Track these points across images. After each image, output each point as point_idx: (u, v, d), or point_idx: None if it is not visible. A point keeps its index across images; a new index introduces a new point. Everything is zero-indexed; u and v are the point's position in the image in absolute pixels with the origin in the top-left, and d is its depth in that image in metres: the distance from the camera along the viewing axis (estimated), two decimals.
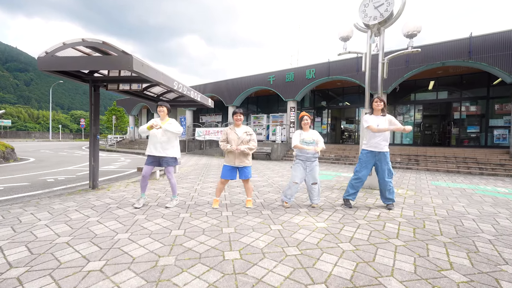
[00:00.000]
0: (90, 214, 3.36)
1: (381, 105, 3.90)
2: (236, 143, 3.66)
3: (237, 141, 3.68)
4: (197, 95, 7.28)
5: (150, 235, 2.65)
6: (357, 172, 3.94)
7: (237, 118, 3.75)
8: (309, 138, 3.86)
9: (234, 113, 3.76)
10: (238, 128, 3.80)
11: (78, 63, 4.27)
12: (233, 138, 3.69)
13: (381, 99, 3.92)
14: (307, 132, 3.95)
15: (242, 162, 3.70)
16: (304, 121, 3.92)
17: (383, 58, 5.32)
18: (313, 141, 3.86)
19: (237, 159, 3.67)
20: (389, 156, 3.91)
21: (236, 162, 3.68)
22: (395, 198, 3.94)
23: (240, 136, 3.71)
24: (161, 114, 3.87)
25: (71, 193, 4.85)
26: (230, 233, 2.73)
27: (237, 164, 3.68)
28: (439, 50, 10.07)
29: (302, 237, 2.66)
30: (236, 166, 3.71)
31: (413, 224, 3.12)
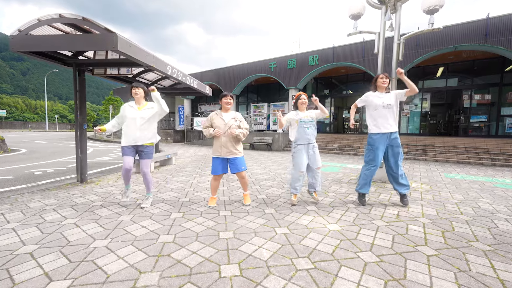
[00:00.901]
0: (69, 214, 2.94)
1: (386, 82, 3.42)
2: (223, 131, 3.20)
3: (224, 128, 3.21)
4: (194, 81, 6.76)
5: (133, 242, 2.24)
6: (371, 161, 3.45)
7: (226, 102, 3.26)
8: (307, 116, 3.44)
9: (222, 96, 3.27)
10: (226, 114, 3.32)
11: (54, 43, 3.74)
12: (219, 124, 3.22)
13: (387, 76, 3.43)
14: (303, 112, 3.51)
15: (230, 153, 3.22)
16: (302, 100, 3.49)
17: (399, 38, 4.76)
18: (312, 120, 3.45)
19: (223, 148, 3.20)
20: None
21: (222, 152, 3.21)
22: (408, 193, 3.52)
23: (227, 122, 3.23)
24: (136, 98, 3.27)
25: (57, 187, 4.44)
26: (228, 239, 2.32)
27: (224, 154, 3.21)
28: (452, 33, 9.41)
29: (313, 243, 2.24)
30: (225, 157, 3.25)
31: (440, 226, 2.70)
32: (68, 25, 4.12)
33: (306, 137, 3.40)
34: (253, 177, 5.33)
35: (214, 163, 3.28)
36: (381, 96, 3.44)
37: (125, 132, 3.23)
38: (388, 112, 3.37)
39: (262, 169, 6.44)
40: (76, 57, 4.97)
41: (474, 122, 11.70)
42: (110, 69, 5.30)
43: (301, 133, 3.42)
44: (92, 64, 5.12)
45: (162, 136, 19.53)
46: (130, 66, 5.10)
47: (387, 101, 3.38)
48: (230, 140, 3.22)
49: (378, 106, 3.40)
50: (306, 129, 3.40)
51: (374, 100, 3.45)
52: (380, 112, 3.39)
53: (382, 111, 3.38)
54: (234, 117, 3.30)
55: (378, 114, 3.41)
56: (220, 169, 3.26)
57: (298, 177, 3.40)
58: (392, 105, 3.37)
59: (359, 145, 11.28)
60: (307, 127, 3.40)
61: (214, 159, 3.28)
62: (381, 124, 3.40)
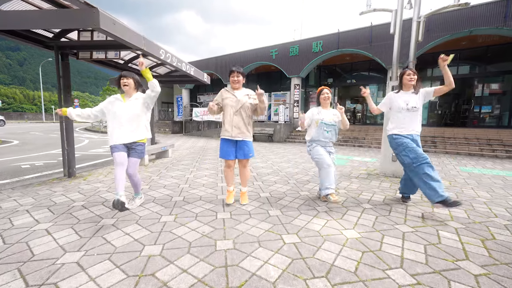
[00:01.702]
0: (43, 217, 2.54)
1: (414, 80, 2.91)
2: (235, 109, 2.78)
3: (236, 106, 2.79)
4: (190, 68, 6.25)
5: (111, 255, 1.84)
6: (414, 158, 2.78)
7: (234, 80, 2.83)
8: (330, 119, 2.99)
9: (230, 72, 2.83)
10: (238, 91, 2.89)
11: (24, 20, 3.23)
12: (231, 102, 2.80)
13: (415, 72, 2.94)
14: (327, 110, 3.06)
15: (241, 134, 2.82)
16: (324, 95, 3.05)
17: (418, 16, 4.23)
18: (335, 124, 3.01)
19: (235, 129, 2.79)
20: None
21: (234, 132, 2.80)
22: None
23: (240, 99, 2.81)
24: (125, 89, 2.74)
25: (41, 183, 4.05)
26: (227, 251, 1.92)
27: (235, 135, 2.80)
28: (467, 15, 8.76)
29: (330, 257, 1.85)
30: (234, 139, 2.84)
31: (476, 232, 2.30)
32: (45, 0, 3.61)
33: (323, 140, 3.01)
34: (255, 171, 4.92)
35: (222, 145, 2.88)
36: (406, 96, 2.96)
37: (111, 129, 2.72)
38: (412, 115, 2.91)
39: (264, 162, 6.03)
40: (58, 39, 4.47)
41: (485, 112, 11.19)
42: (97, 52, 4.79)
43: (318, 135, 3.01)
44: (76, 47, 4.62)
45: (160, 127, 19.07)
46: (118, 48, 4.60)
47: (412, 103, 2.89)
48: (242, 120, 2.80)
49: (402, 110, 2.94)
50: (326, 132, 2.98)
51: (398, 103, 2.97)
52: (404, 115, 2.93)
53: (406, 115, 2.92)
54: (247, 94, 2.87)
55: (401, 117, 2.95)
56: (232, 152, 2.86)
57: (326, 173, 2.88)
58: (417, 107, 2.89)
59: (364, 136, 10.83)
60: (327, 131, 2.98)
61: (223, 141, 2.88)
62: (403, 128, 2.95)
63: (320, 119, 2.99)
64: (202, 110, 15.52)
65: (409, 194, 3.14)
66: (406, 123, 2.93)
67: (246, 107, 2.81)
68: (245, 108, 2.81)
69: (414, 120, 2.92)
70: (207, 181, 4.10)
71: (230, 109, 2.80)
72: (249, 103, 2.84)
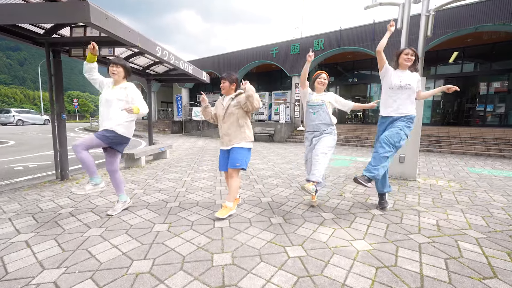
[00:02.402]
0: (25, 226, 2.34)
1: (411, 60, 2.67)
2: (221, 116, 2.60)
3: (222, 113, 2.61)
4: (189, 66, 6.04)
5: (94, 273, 1.64)
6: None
7: (221, 86, 2.65)
8: (316, 99, 2.78)
9: (220, 79, 2.68)
10: (226, 97, 2.70)
11: (9, 14, 3.03)
12: (219, 111, 2.68)
13: (414, 51, 2.69)
14: (318, 94, 2.85)
15: (231, 141, 2.58)
16: (320, 80, 2.85)
17: (428, 9, 4.01)
18: (322, 103, 2.74)
19: (225, 137, 2.62)
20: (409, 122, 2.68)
21: (224, 141, 2.62)
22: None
23: (224, 105, 2.63)
24: (114, 77, 2.56)
25: (32, 186, 3.86)
26: (225, 267, 1.72)
27: (226, 143, 2.62)
28: (472, 11, 8.54)
29: (340, 274, 1.64)
30: (227, 149, 2.64)
31: (499, 243, 2.09)
32: None
33: (311, 123, 2.79)
34: (255, 173, 4.71)
35: (219, 157, 2.74)
36: (400, 73, 2.73)
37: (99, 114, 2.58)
38: (404, 94, 2.66)
39: (264, 163, 5.82)
40: (50, 35, 4.26)
41: (491, 111, 10.96)
42: None
43: (306, 119, 2.85)
44: (68, 44, 4.42)
45: (159, 127, 18.86)
46: (112, 45, 4.40)
47: (406, 80, 2.66)
48: (232, 124, 2.57)
49: (394, 86, 2.70)
50: (312, 113, 2.77)
51: (391, 78, 2.72)
52: (395, 92, 2.70)
53: (397, 92, 2.69)
54: (232, 97, 2.64)
55: (391, 94, 2.72)
56: (225, 163, 2.65)
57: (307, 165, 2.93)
58: (411, 86, 2.65)
59: (366, 136, 10.62)
60: (313, 112, 2.76)
61: (220, 152, 2.73)
62: (390, 108, 2.72)
63: (308, 101, 2.81)
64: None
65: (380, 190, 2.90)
66: (398, 103, 2.68)
67: (232, 111, 2.56)
68: (231, 111, 2.56)
69: (406, 100, 2.67)
70: (205, 184, 3.90)
71: (220, 118, 2.64)
72: (234, 105, 2.56)
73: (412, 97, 2.70)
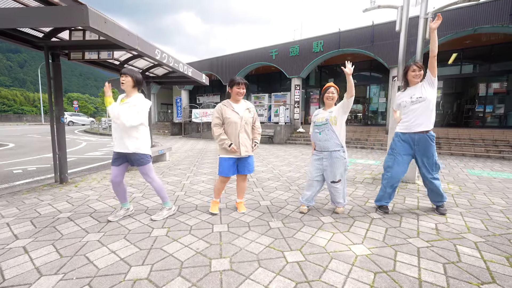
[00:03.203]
0: (23, 231, 2.33)
1: (420, 75, 2.71)
2: (239, 124, 2.61)
3: (240, 122, 2.61)
4: (188, 69, 6.04)
5: (92, 279, 1.63)
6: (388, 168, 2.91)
7: (238, 92, 2.63)
8: (321, 118, 2.73)
9: (234, 84, 2.62)
10: (237, 105, 2.68)
11: (9, 18, 3.03)
12: (233, 118, 2.61)
13: (421, 66, 2.72)
14: (325, 111, 2.79)
15: (247, 151, 2.68)
16: (329, 94, 2.75)
17: (426, 13, 4.02)
18: (326, 122, 2.68)
19: (242, 147, 2.63)
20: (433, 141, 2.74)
21: (242, 151, 2.63)
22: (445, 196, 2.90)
23: (242, 116, 2.64)
24: (124, 87, 2.53)
25: (31, 189, 3.86)
26: (223, 273, 1.71)
27: (243, 153, 2.64)
28: (471, 13, 8.56)
29: (338, 280, 1.63)
30: (241, 157, 2.69)
31: (498, 247, 2.09)
32: None
33: (319, 143, 2.74)
34: (254, 176, 4.71)
35: (225, 164, 2.66)
36: (410, 90, 2.77)
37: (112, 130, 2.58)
38: (418, 108, 2.69)
39: (264, 166, 5.82)
40: (49, 39, 4.28)
41: (490, 112, 10.96)
42: (89, 52, 4.59)
43: (314, 139, 2.81)
44: (67, 47, 4.43)
45: (159, 129, 18.88)
46: (110, 48, 4.40)
47: (417, 94, 2.70)
48: (248, 136, 2.68)
49: (407, 104, 2.76)
50: (318, 133, 2.73)
51: (403, 99, 2.81)
52: (409, 109, 2.75)
53: (411, 108, 2.73)
54: (247, 108, 2.71)
55: (407, 111, 2.78)
56: (234, 170, 2.72)
57: (308, 184, 2.84)
58: (424, 97, 2.65)
59: (366, 137, 10.62)
60: (319, 132, 2.73)
61: (226, 160, 2.66)
62: (407, 123, 2.78)
63: (314, 121, 2.80)
64: (202, 112, 15.33)
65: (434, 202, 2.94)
66: (411, 117, 2.73)
67: (248, 123, 2.69)
68: (248, 123, 2.68)
69: (422, 113, 2.68)
70: (204, 187, 3.89)
71: (234, 126, 2.61)
72: (250, 117, 2.72)
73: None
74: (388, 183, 2.86)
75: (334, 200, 2.84)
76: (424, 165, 2.78)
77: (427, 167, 2.77)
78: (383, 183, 2.92)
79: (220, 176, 2.73)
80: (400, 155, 2.81)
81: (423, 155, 2.75)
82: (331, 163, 2.69)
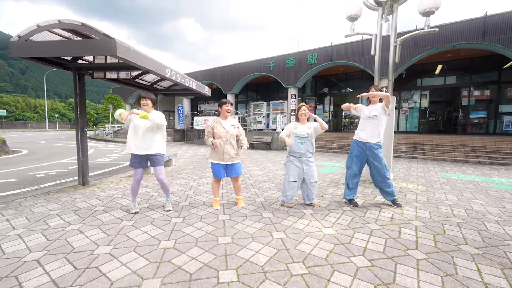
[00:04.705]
0: (72, 220, 3.03)
1: (376, 96, 3.48)
2: (225, 137, 3.34)
3: (226, 135, 3.34)
4: (193, 83, 6.79)
5: (135, 248, 2.33)
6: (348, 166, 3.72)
7: (228, 110, 3.41)
8: (303, 132, 3.46)
9: (223, 103, 3.39)
10: (225, 121, 3.44)
11: (54, 49, 3.79)
12: (220, 132, 3.35)
13: (377, 88, 3.51)
14: (303, 125, 3.55)
15: (231, 159, 3.38)
16: (302, 112, 3.53)
17: (395, 40, 4.80)
18: (307, 136, 3.45)
19: (226, 155, 3.34)
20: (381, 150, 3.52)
21: (225, 158, 3.34)
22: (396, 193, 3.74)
23: (228, 130, 3.37)
24: (145, 108, 3.33)
25: (59, 190, 4.53)
26: (227, 244, 2.41)
27: (226, 160, 3.35)
28: (450, 31, 9.41)
29: (308, 248, 2.33)
30: (225, 163, 3.38)
31: (432, 229, 2.79)
32: (67, 31, 4.17)
33: (299, 151, 3.46)
34: (252, 178, 5.42)
35: (215, 168, 3.39)
36: (371, 107, 3.55)
37: (130, 138, 3.28)
38: (373, 123, 3.47)
39: (261, 170, 6.52)
40: (76, 61, 5.03)
41: (472, 119, 11.75)
42: (110, 72, 5.35)
43: (294, 146, 3.49)
44: (91, 68, 5.18)
45: None
46: (129, 69, 5.16)
47: (374, 112, 3.48)
48: (232, 147, 3.37)
49: (365, 117, 3.55)
50: (300, 144, 3.45)
51: (364, 112, 3.60)
52: (367, 122, 3.52)
53: (368, 122, 3.50)
54: (233, 125, 3.42)
55: (365, 123, 3.55)
56: (223, 172, 3.41)
57: (289, 186, 3.51)
58: (377, 116, 3.45)
59: None
60: (301, 142, 3.45)
61: (215, 165, 3.38)
62: (362, 132, 3.55)
63: (295, 133, 3.51)
64: (203, 119, 16.08)
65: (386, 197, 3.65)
66: (367, 131, 3.50)
67: (233, 136, 3.39)
68: (233, 136, 3.38)
69: (373, 129, 3.47)
70: (208, 188, 4.59)
71: (221, 139, 3.33)
72: (235, 133, 3.43)
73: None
74: (349, 179, 3.64)
75: (310, 196, 3.55)
76: (375, 166, 3.50)
77: (378, 168, 3.49)
78: (346, 180, 3.67)
79: (213, 178, 3.46)
80: (356, 157, 3.59)
81: (374, 159, 3.49)
82: (309, 167, 3.44)
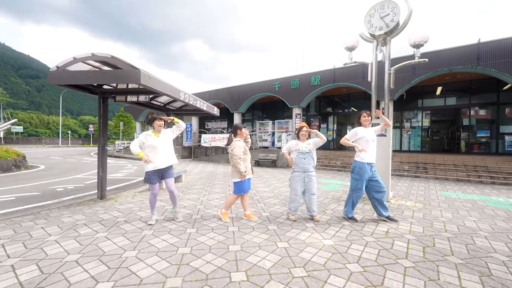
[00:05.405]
0: (99, 229, 3.40)
1: (369, 120, 3.92)
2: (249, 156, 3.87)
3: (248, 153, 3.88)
4: (203, 104, 7.34)
5: (157, 253, 2.67)
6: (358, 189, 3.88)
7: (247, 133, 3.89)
8: (304, 148, 3.86)
9: (244, 127, 3.83)
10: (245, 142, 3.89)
11: (88, 77, 4.38)
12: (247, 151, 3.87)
13: (368, 114, 3.93)
14: (303, 143, 3.95)
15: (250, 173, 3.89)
16: (303, 132, 3.94)
17: (389, 68, 5.29)
18: (309, 151, 3.84)
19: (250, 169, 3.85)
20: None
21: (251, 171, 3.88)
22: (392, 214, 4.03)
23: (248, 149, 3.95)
24: (159, 129, 3.80)
25: (80, 203, 4.93)
26: (237, 251, 2.73)
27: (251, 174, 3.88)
28: (446, 56, 9.95)
29: (309, 256, 2.63)
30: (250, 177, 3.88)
31: (423, 242, 3.05)
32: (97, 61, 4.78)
33: (303, 166, 3.82)
34: (258, 195, 5.74)
35: (244, 184, 3.72)
36: (365, 130, 3.91)
37: (151, 157, 3.70)
38: (373, 146, 3.86)
39: (266, 187, 6.84)
40: (101, 87, 5.64)
41: (474, 139, 11.96)
42: (130, 96, 5.94)
43: (298, 162, 3.86)
44: (114, 92, 5.77)
45: None
46: (148, 93, 5.73)
47: (373, 135, 3.87)
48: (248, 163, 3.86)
49: (368, 139, 3.84)
50: (303, 159, 3.83)
51: (364, 134, 3.87)
52: (371, 145, 3.84)
53: (371, 145, 3.85)
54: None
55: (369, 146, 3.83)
56: (249, 185, 3.85)
57: (292, 198, 3.85)
58: (374, 139, 3.89)
59: None
60: (304, 158, 3.83)
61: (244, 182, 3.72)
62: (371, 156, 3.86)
63: (297, 149, 3.89)
64: (210, 137, 16.65)
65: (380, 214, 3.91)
66: (370, 152, 3.83)
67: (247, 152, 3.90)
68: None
69: (374, 150, 3.86)
70: (218, 203, 4.94)
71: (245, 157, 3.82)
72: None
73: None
74: (357, 199, 3.89)
75: (311, 209, 3.85)
76: (377, 180, 3.82)
77: (379, 181, 3.81)
78: (353, 200, 3.90)
79: (235, 194, 3.78)
80: (366, 180, 3.84)
81: (375, 175, 3.84)
82: (310, 180, 3.79)
